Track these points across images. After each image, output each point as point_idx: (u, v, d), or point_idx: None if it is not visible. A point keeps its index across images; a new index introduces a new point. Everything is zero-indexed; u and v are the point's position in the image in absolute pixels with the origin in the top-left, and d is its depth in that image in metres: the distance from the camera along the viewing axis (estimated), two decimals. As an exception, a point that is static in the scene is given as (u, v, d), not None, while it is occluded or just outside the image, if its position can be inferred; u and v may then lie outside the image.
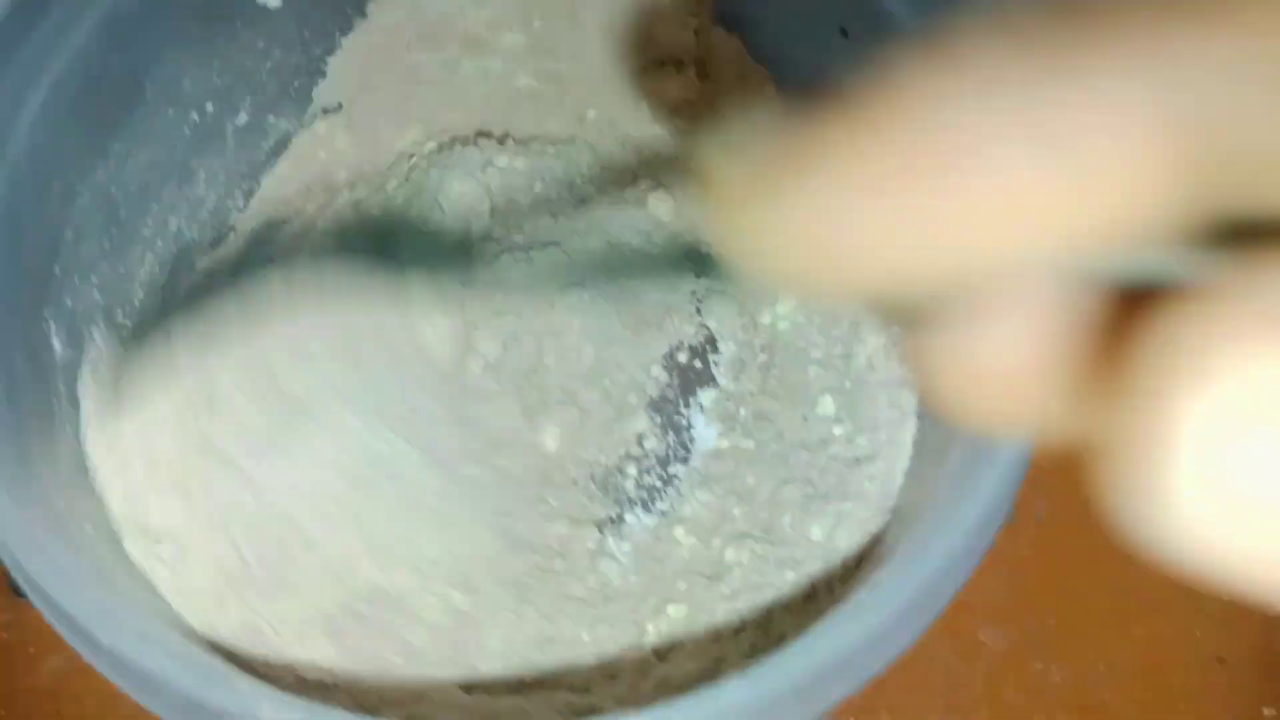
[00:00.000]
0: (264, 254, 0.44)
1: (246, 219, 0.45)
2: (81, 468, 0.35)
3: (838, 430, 0.41)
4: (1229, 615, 0.43)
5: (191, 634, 0.34)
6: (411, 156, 0.46)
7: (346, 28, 0.45)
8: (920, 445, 0.38)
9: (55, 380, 0.36)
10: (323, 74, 0.45)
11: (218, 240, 0.44)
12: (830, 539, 0.38)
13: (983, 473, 0.28)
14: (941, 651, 0.42)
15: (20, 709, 0.40)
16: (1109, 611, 0.43)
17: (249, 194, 0.45)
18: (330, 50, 0.45)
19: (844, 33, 0.40)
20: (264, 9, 0.42)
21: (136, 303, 0.41)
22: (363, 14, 0.44)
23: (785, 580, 0.38)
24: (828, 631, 0.27)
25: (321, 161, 0.46)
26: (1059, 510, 0.44)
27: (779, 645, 0.35)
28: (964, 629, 0.43)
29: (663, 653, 0.38)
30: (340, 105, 0.46)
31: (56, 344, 0.36)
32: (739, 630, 0.37)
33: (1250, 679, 0.42)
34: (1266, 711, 0.41)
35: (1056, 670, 0.42)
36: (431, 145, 0.46)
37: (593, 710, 0.34)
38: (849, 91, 0.11)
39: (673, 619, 0.39)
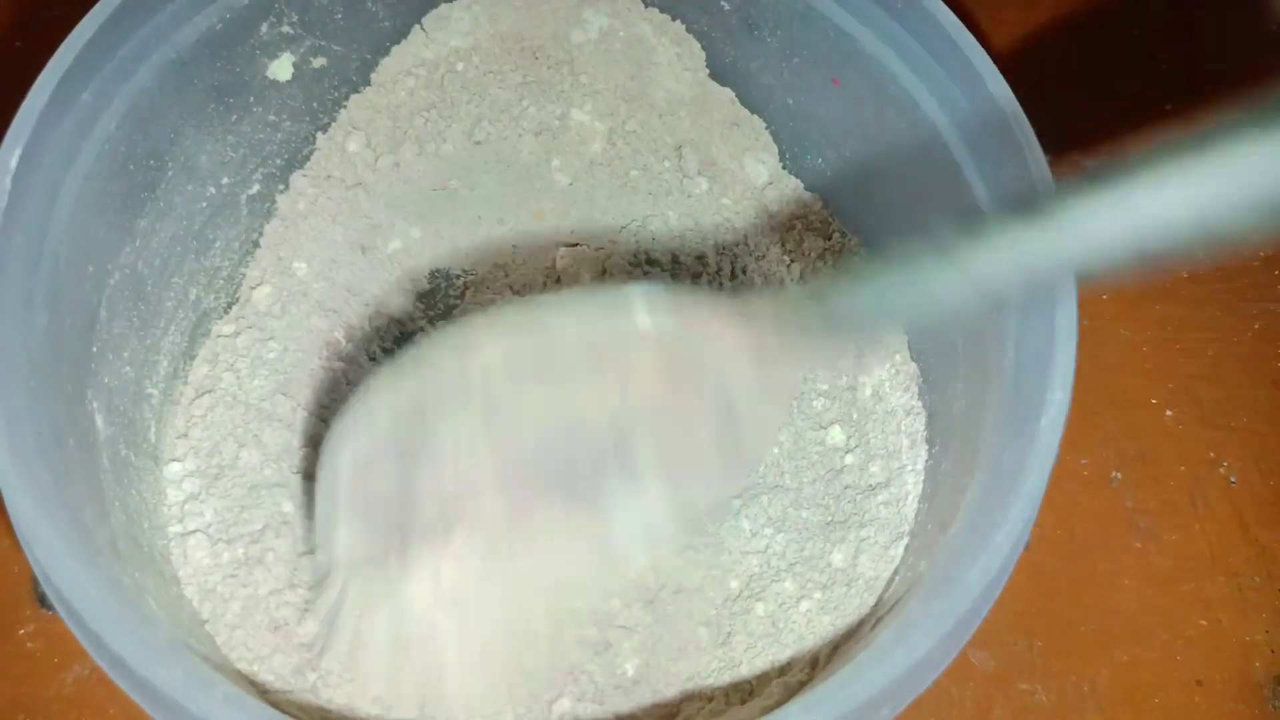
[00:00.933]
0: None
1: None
2: (137, 543, 0.36)
3: (849, 459, 0.43)
4: (1208, 641, 0.45)
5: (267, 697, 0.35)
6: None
7: (351, 94, 0.46)
8: (932, 471, 0.40)
9: (100, 456, 0.36)
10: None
11: (231, 304, 0.46)
12: (853, 565, 0.40)
13: (1011, 500, 0.30)
14: None
15: (45, 717, 0.41)
16: (1093, 636, 0.45)
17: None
18: (335, 119, 0.46)
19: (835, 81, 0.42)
20: (274, 83, 0.43)
21: (161, 372, 0.42)
22: (367, 82, 0.46)
23: (813, 603, 0.40)
24: (880, 657, 0.28)
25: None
26: (1046, 537, 0.46)
27: (816, 669, 0.36)
28: None
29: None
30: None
31: (99, 421, 0.37)
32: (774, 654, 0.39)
33: (1228, 702, 0.44)
34: (1243, 733, 0.43)
35: (1042, 691, 0.44)
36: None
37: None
38: None
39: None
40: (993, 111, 0.36)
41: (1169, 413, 0.49)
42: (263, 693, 0.36)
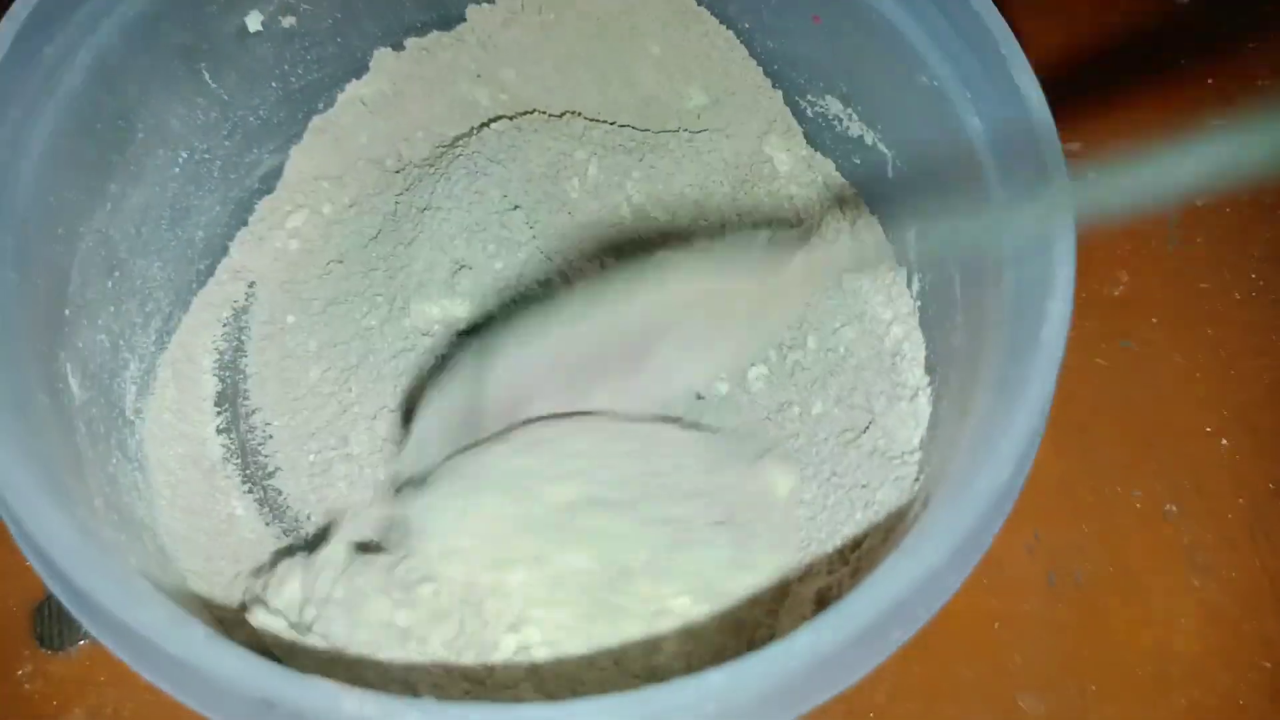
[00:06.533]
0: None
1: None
2: (116, 506, 0.35)
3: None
4: (1273, 684, 0.43)
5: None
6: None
7: (326, 54, 0.46)
8: (935, 402, 0.40)
9: (75, 420, 0.35)
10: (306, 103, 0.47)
11: (208, 275, 0.45)
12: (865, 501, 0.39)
13: (1016, 409, 0.29)
14: (979, 717, 0.42)
15: (44, 761, 0.40)
16: (1150, 680, 0.43)
17: (238, 227, 0.46)
18: (306, 77, 0.46)
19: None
20: (243, 43, 0.42)
21: (139, 344, 0.41)
22: (335, 43, 0.45)
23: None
24: (887, 576, 0.27)
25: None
26: (1099, 574, 0.44)
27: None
28: (1002, 694, 0.42)
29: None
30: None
31: (74, 385, 0.36)
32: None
33: (1291, 746, 0.42)
34: (1305, 778, 0.41)
35: (1095, 738, 0.42)
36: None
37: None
38: None
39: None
40: (977, 31, 0.35)
41: (1224, 442, 0.47)
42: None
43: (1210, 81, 0.56)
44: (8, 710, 0.41)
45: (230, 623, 0.36)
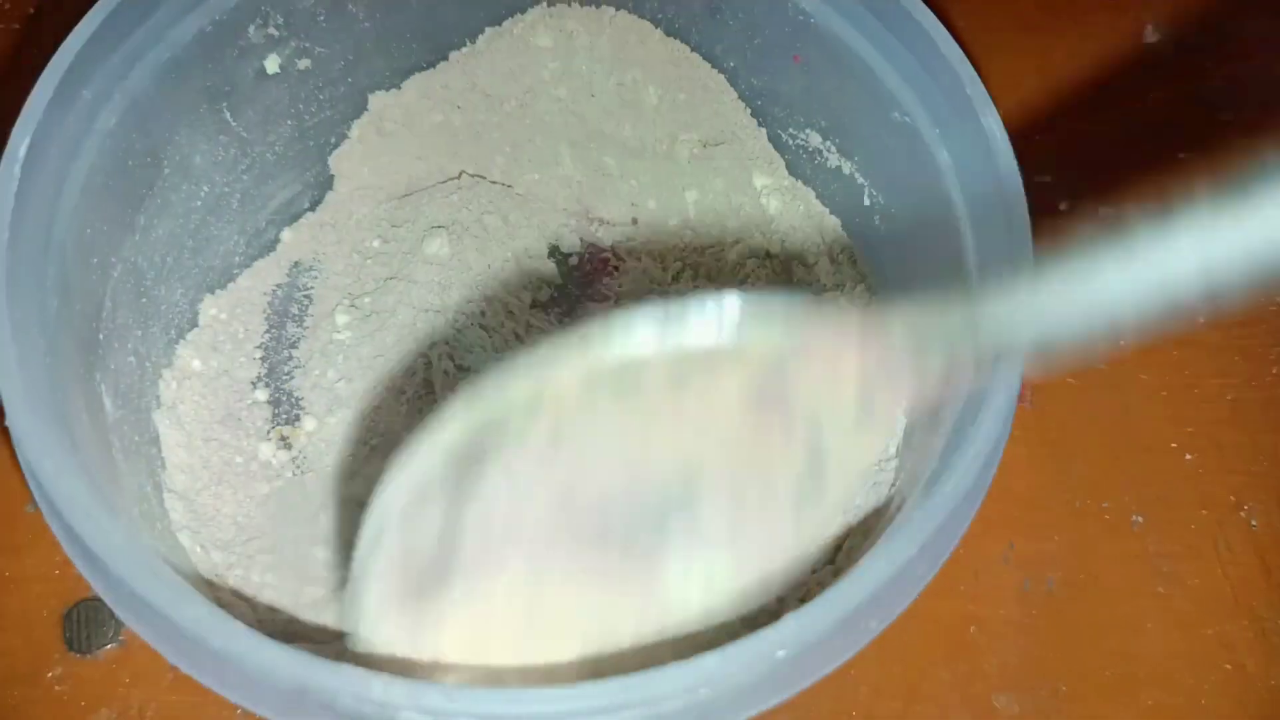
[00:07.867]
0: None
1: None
2: (150, 519, 0.38)
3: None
4: (1233, 685, 0.45)
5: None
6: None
7: (337, 93, 0.48)
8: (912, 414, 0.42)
9: (110, 436, 0.38)
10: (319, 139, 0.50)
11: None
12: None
13: (982, 419, 0.32)
14: (956, 716, 0.44)
15: (73, 761, 0.42)
16: (1117, 681, 0.45)
17: (253, 258, 0.49)
18: (319, 115, 0.49)
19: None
20: (262, 85, 0.45)
21: (162, 364, 0.44)
22: (347, 82, 0.48)
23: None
24: (862, 570, 0.30)
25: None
26: (1070, 581, 0.47)
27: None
28: (978, 695, 0.44)
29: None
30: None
31: (108, 403, 0.38)
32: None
33: (1254, 747, 0.43)
34: (1271, 778, 0.43)
35: (1067, 736, 0.43)
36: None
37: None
38: None
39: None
40: (946, 72, 0.38)
41: (1189, 457, 0.49)
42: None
43: (1178, 116, 0.59)
44: (39, 710, 0.43)
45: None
